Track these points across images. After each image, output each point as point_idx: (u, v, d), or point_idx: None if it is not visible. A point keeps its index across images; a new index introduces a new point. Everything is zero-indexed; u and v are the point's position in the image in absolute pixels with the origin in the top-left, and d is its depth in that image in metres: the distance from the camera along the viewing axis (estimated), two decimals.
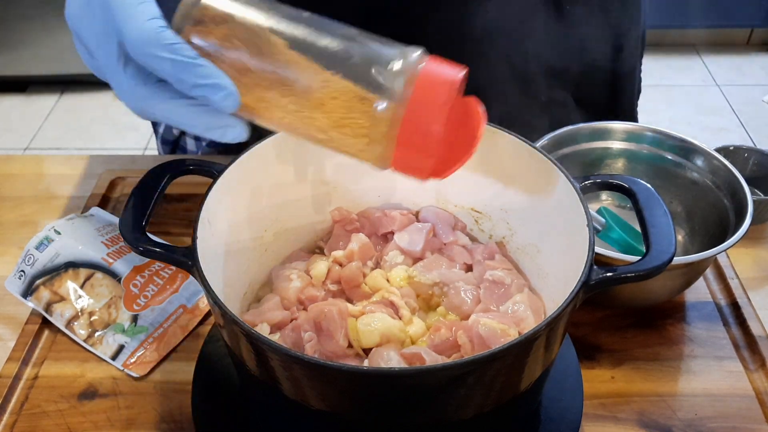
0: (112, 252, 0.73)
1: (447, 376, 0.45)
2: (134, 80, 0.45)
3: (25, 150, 2.38)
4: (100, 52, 0.46)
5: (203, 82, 0.44)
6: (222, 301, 0.47)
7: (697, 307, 0.74)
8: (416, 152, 0.46)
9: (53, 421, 0.63)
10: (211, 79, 0.44)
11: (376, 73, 0.44)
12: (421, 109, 0.44)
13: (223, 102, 0.44)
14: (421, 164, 0.46)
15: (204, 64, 0.44)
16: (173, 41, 0.43)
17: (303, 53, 0.44)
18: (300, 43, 0.45)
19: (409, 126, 0.44)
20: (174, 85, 0.44)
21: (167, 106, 0.46)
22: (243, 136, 0.47)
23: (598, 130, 0.79)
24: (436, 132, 0.44)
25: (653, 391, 0.66)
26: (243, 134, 0.47)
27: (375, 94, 0.44)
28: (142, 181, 0.56)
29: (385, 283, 0.62)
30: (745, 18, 2.76)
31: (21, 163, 0.96)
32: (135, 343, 0.69)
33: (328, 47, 0.45)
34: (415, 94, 0.44)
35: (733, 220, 0.71)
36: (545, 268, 0.61)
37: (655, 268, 0.50)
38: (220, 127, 0.46)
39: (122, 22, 0.44)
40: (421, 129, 0.44)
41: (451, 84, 0.44)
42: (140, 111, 0.47)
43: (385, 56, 0.45)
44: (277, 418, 0.56)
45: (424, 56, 0.45)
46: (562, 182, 0.56)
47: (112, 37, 0.45)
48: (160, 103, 0.46)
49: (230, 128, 0.46)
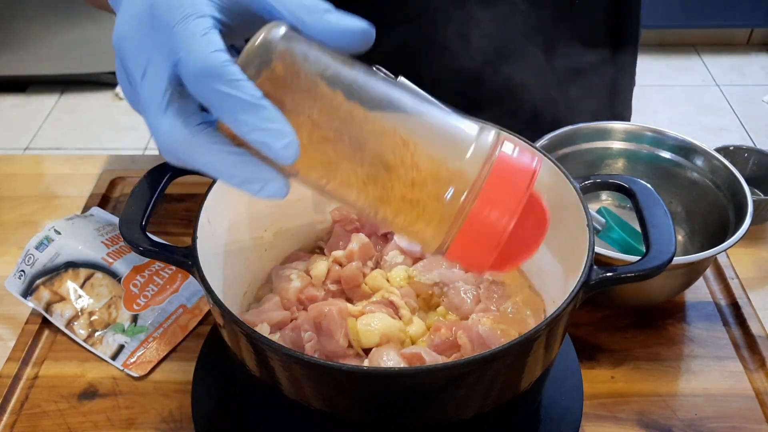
0: (112, 252, 0.73)
1: (447, 376, 0.45)
2: (176, 119, 0.41)
3: (25, 150, 2.38)
4: (146, 81, 0.41)
5: (266, 125, 0.39)
6: (222, 301, 0.47)
7: (697, 307, 0.74)
8: (479, 247, 0.41)
9: (53, 421, 0.63)
10: (275, 124, 0.39)
11: (453, 155, 0.40)
12: (494, 203, 0.39)
13: (284, 151, 0.39)
14: (481, 260, 0.42)
15: (269, 106, 0.39)
16: (239, 78, 0.39)
17: (381, 118, 0.40)
18: (378, 104, 0.40)
19: (478, 219, 0.39)
20: (230, 125, 0.40)
21: (207, 151, 0.41)
22: (282, 194, 0.42)
23: (598, 130, 0.79)
24: (504, 229, 0.39)
25: (653, 391, 0.66)
26: (284, 191, 0.42)
27: (448, 177, 0.39)
28: (142, 181, 0.56)
29: (385, 283, 0.62)
30: (745, 18, 2.76)
31: (21, 163, 0.96)
32: (135, 343, 0.69)
33: (409, 117, 0.40)
34: (489, 185, 0.39)
35: (733, 220, 0.71)
36: (545, 268, 0.61)
37: (655, 268, 0.50)
38: (261, 180, 0.41)
39: (184, 50, 0.39)
40: (491, 224, 0.39)
41: (528, 173, 0.40)
42: (175, 153, 0.42)
43: (463, 135, 0.40)
44: (277, 418, 0.56)
45: (499, 138, 0.41)
46: (562, 182, 0.56)
47: (166, 66, 0.40)
48: (201, 146, 0.41)
49: (272, 182, 0.41)
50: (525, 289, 0.61)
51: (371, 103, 0.40)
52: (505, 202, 0.39)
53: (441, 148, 0.40)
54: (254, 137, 0.39)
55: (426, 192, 0.40)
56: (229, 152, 0.41)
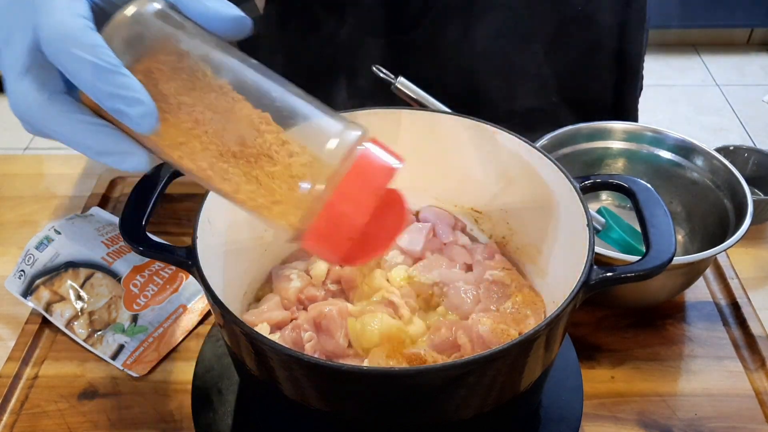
0: (112, 252, 0.73)
1: (447, 376, 0.45)
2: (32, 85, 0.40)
3: (25, 150, 2.38)
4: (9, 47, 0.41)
5: (122, 93, 0.38)
6: (222, 301, 0.47)
7: (697, 307, 0.74)
8: (331, 239, 0.42)
9: (53, 421, 0.63)
10: (131, 92, 0.38)
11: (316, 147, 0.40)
12: (349, 198, 0.40)
13: (140, 120, 0.39)
14: (333, 251, 0.42)
15: (128, 74, 0.38)
16: (98, 44, 0.38)
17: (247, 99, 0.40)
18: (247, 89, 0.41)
19: (333, 212, 0.41)
20: (87, 92, 0.39)
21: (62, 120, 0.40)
22: (144, 167, 0.41)
23: (598, 130, 0.79)
24: (357, 224, 0.41)
25: (653, 391, 0.66)
26: (144, 164, 0.41)
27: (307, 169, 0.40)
28: (142, 181, 0.56)
29: (385, 283, 0.62)
30: (745, 18, 2.76)
31: (21, 163, 0.96)
32: (135, 343, 0.69)
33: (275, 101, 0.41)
34: (351, 174, 0.40)
35: (733, 220, 0.71)
36: (545, 268, 0.61)
37: (655, 268, 0.50)
38: (120, 153, 0.41)
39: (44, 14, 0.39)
40: (344, 218, 0.41)
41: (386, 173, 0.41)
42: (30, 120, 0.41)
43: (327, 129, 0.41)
44: (277, 418, 0.56)
45: (365, 138, 0.42)
46: (562, 182, 0.56)
47: (28, 32, 0.39)
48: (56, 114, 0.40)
49: (131, 155, 0.41)
50: (525, 289, 0.61)
51: (239, 87, 0.41)
52: (360, 198, 0.41)
53: (304, 140, 0.41)
54: (110, 104, 0.39)
55: (284, 180, 0.40)
56: (87, 122, 0.40)
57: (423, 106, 0.70)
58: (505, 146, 0.60)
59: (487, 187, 0.64)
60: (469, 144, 0.62)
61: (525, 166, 0.59)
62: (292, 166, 0.40)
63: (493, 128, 0.60)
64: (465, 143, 0.62)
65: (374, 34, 0.82)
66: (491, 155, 0.61)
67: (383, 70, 0.70)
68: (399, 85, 0.70)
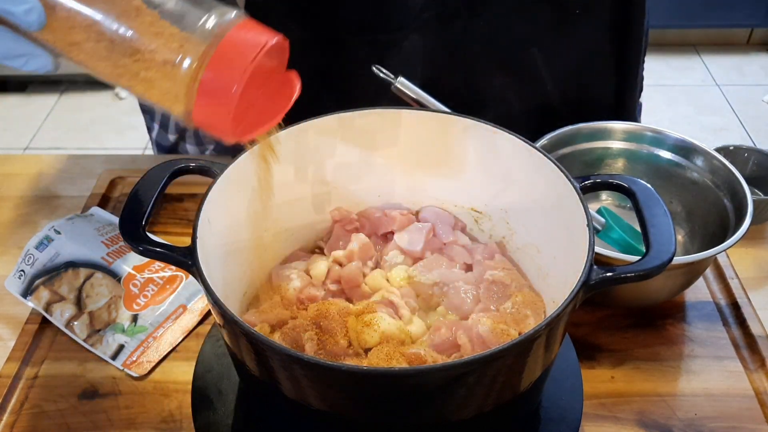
0: (112, 252, 0.73)
1: (447, 376, 0.45)
2: None
3: (24, 150, 2.38)
4: None
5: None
6: (222, 301, 0.47)
7: (697, 307, 0.74)
8: (216, 111, 0.45)
9: (53, 421, 0.63)
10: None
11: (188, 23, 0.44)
12: (224, 64, 0.44)
13: (26, 17, 0.42)
14: (222, 124, 0.46)
15: None
16: None
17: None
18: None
19: (210, 79, 0.44)
20: None
21: None
22: (48, 67, 0.45)
23: (598, 130, 0.79)
24: (234, 89, 0.44)
25: (653, 391, 0.66)
26: (48, 65, 0.45)
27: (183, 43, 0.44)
28: (142, 181, 0.56)
29: (385, 283, 0.62)
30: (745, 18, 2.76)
31: (21, 162, 0.96)
32: (135, 343, 0.69)
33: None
34: (221, 49, 0.44)
35: (733, 220, 0.71)
36: (545, 268, 0.61)
37: (655, 268, 0.50)
38: (23, 55, 0.44)
39: None
40: (221, 84, 0.44)
41: (257, 45, 0.44)
42: None
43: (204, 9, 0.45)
44: (277, 418, 0.56)
45: (240, 18, 0.45)
46: (562, 182, 0.56)
47: None
48: None
49: (34, 57, 0.44)
50: (525, 289, 0.61)
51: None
52: (234, 68, 0.44)
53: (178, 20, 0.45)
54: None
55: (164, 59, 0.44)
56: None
57: (423, 106, 0.70)
58: (505, 146, 0.60)
59: (487, 187, 0.64)
60: (469, 144, 0.62)
61: (525, 166, 0.59)
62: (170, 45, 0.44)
63: (493, 128, 0.60)
64: (465, 143, 0.62)
65: (374, 33, 0.82)
66: (491, 155, 0.61)
67: (383, 70, 0.70)
68: (399, 85, 0.70)
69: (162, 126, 0.99)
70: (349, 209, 0.67)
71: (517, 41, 0.83)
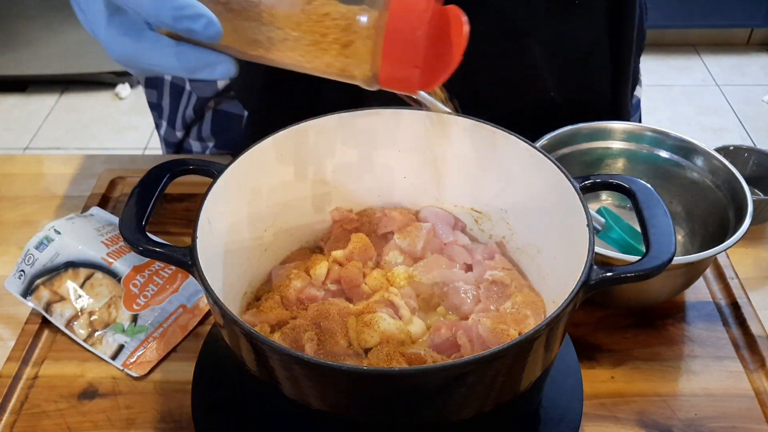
0: (112, 252, 0.73)
1: (447, 376, 0.45)
2: (119, 30, 0.46)
3: (24, 150, 2.38)
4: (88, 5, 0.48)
5: (182, 13, 0.44)
6: (222, 301, 0.47)
7: (697, 307, 0.74)
8: (402, 63, 0.46)
9: (53, 421, 0.63)
10: (189, 10, 0.44)
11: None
12: (403, 17, 0.45)
13: (206, 30, 0.44)
14: (408, 75, 0.47)
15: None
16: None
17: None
18: None
19: (393, 36, 0.45)
20: (155, 22, 0.45)
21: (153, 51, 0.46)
22: (232, 72, 0.48)
23: (597, 130, 0.79)
24: (419, 39, 0.45)
25: (653, 391, 0.66)
26: (231, 69, 0.48)
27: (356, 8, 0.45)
28: (142, 181, 0.56)
29: (385, 283, 0.62)
30: (745, 18, 2.76)
31: (21, 162, 0.96)
32: (135, 343, 0.69)
33: None
34: (395, 4, 0.45)
35: (733, 220, 0.71)
36: (545, 268, 0.61)
37: (655, 268, 0.50)
38: (208, 65, 0.47)
39: None
40: (405, 37, 0.45)
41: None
42: (127, 59, 0.47)
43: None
44: (277, 418, 0.56)
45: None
46: (562, 182, 0.56)
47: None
48: (146, 49, 0.46)
49: (218, 65, 0.47)
50: (525, 289, 0.61)
51: None
52: (413, 12, 0.45)
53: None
54: (179, 25, 0.44)
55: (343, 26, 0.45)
56: (172, 47, 0.46)
57: (423, 106, 0.70)
58: (505, 146, 0.60)
59: (487, 187, 0.64)
60: (469, 144, 0.62)
61: (525, 166, 0.59)
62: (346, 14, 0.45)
63: (493, 128, 0.60)
64: (465, 143, 0.62)
65: None
66: (491, 155, 0.61)
67: None
68: None
69: (170, 123, 0.99)
70: (349, 209, 0.67)
71: (515, 33, 0.82)
